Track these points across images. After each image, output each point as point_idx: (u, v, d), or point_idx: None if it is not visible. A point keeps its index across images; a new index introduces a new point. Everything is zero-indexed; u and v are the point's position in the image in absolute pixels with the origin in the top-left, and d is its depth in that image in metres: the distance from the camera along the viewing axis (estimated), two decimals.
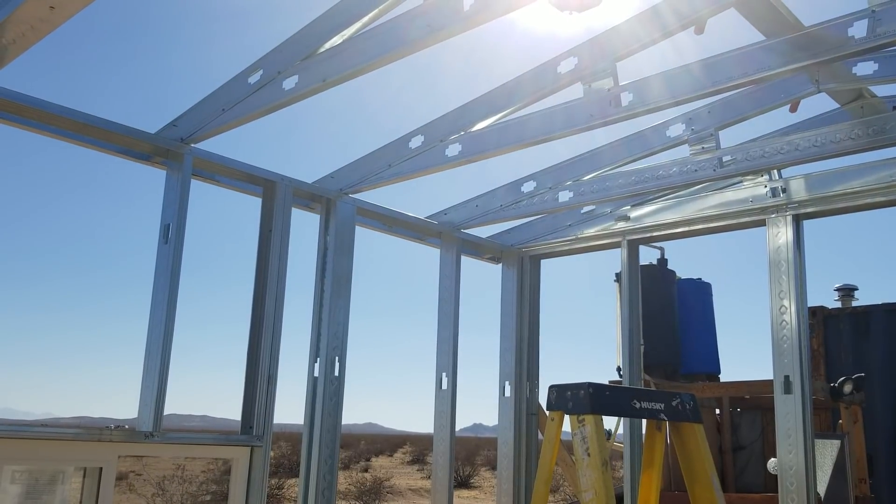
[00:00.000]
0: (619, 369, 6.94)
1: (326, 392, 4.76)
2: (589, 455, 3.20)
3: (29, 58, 3.19)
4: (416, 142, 4.67)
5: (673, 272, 8.43)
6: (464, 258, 5.91)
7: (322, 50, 3.71)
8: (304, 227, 5.15)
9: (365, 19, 3.53)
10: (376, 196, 5.22)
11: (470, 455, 33.79)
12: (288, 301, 4.57)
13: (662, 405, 3.55)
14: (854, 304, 8.81)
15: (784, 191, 4.99)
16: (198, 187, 4.39)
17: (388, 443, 55.56)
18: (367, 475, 25.28)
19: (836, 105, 4.44)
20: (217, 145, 4.36)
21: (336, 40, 3.66)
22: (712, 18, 3.52)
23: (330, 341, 4.82)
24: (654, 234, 5.65)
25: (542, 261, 6.35)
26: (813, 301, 8.56)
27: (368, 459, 37.40)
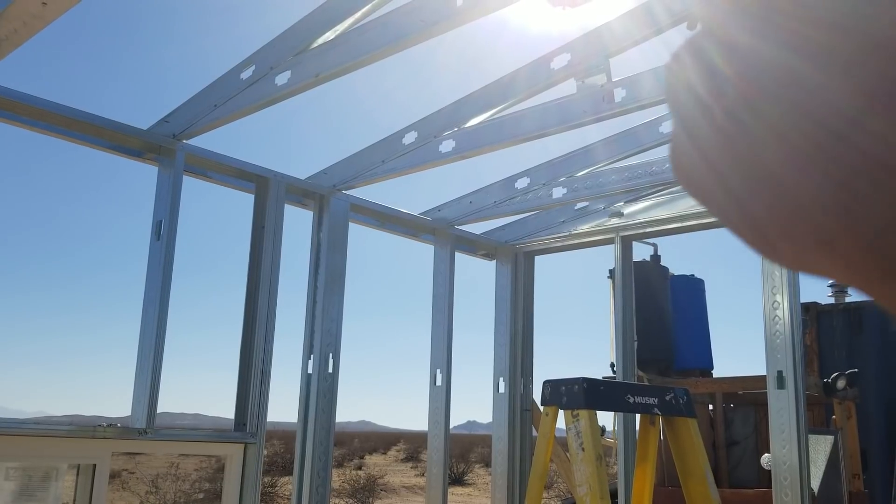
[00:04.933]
0: (612, 365, 6.95)
1: (320, 389, 4.75)
2: (583, 450, 3.20)
3: (19, 54, 3.18)
4: (409, 138, 4.66)
5: (666, 268, 8.46)
6: (458, 255, 5.90)
7: (315, 45, 3.70)
8: (298, 224, 5.15)
9: (358, 14, 3.53)
10: (370, 192, 5.22)
11: (464, 452, 33.82)
12: (281, 298, 4.56)
13: (656, 400, 3.55)
14: (847, 300, 8.84)
15: None
16: (190, 183, 4.39)
17: (381, 440, 55.55)
18: (360, 473, 25.28)
19: None
20: (209, 141, 4.35)
21: (329, 35, 3.65)
22: None
23: (324, 338, 4.81)
24: (648, 230, 5.65)
25: (536, 257, 6.35)
26: (806, 297, 8.60)
27: (362, 457, 37.40)
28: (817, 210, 0.30)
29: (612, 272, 7.65)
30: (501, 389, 6.05)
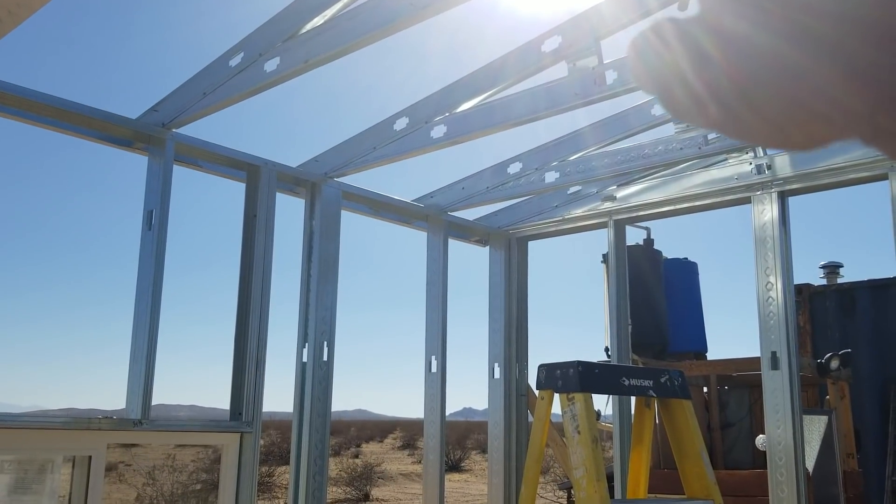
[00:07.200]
0: (607, 350, 6.96)
1: (316, 377, 4.75)
2: (579, 432, 3.20)
3: (4, 44, 3.14)
4: (400, 123, 4.63)
5: (659, 252, 8.47)
6: (451, 241, 5.89)
7: (304, 31, 3.67)
8: (290, 212, 5.13)
9: None
10: (362, 179, 5.21)
11: (460, 439, 33.89)
12: (274, 287, 4.55)
13: (651, 382, 3.56)
14: (839, 280, 8.87)
15: (769, 168, 4.99)
16: (180, 172, 4.36)
17: (378, 428, 55.63)
18: (357, 461, 25.32)
19: None
20: (199, 130, 4.32)
21: (318, 21, 3.62)
22: None
23: (318, 326, 4.80)
24: (641, 213, 5.65)
25: (530, 242, 6.34)
26: (799, 279, 8.63)
27: (359, 445, 37.47)
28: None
29: (605, 256, 7.65)
30: (497, 375, 6.05)
